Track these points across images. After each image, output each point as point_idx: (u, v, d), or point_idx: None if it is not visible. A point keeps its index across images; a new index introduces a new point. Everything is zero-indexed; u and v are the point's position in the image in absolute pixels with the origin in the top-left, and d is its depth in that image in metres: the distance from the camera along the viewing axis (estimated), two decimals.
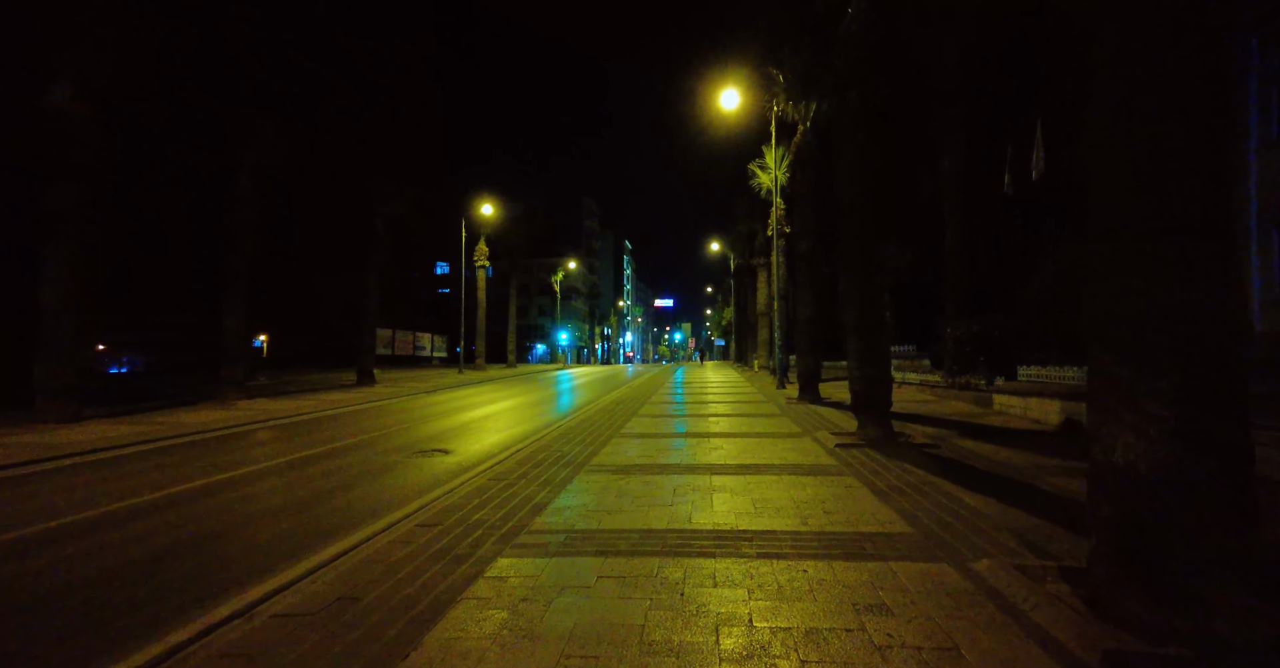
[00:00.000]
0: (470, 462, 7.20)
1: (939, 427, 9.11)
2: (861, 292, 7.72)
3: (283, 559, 3.90)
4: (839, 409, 11.65)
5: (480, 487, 5.58)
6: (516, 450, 7.70)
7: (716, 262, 55.59)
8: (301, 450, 8.14)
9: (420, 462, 7.25)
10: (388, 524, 4.50)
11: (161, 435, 9.24)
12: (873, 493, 5.15)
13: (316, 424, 11.05)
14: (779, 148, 17.27)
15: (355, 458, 7.57)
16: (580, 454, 7.18)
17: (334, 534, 4.37)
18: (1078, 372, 8.36)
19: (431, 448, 8.24)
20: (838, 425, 9.34)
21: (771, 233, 17.83)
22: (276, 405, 14.04)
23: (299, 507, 5.23)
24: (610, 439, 8.39)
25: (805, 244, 12.85)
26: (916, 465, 6.22)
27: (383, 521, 4.67)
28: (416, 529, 4.30)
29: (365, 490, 5.82)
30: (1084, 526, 4.21)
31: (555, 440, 8.29)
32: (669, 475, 5.96)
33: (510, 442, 8.70)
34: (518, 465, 6.56)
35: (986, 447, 7.28)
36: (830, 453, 7.05)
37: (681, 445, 7.80)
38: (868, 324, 7.71)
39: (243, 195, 14.65)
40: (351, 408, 13.94)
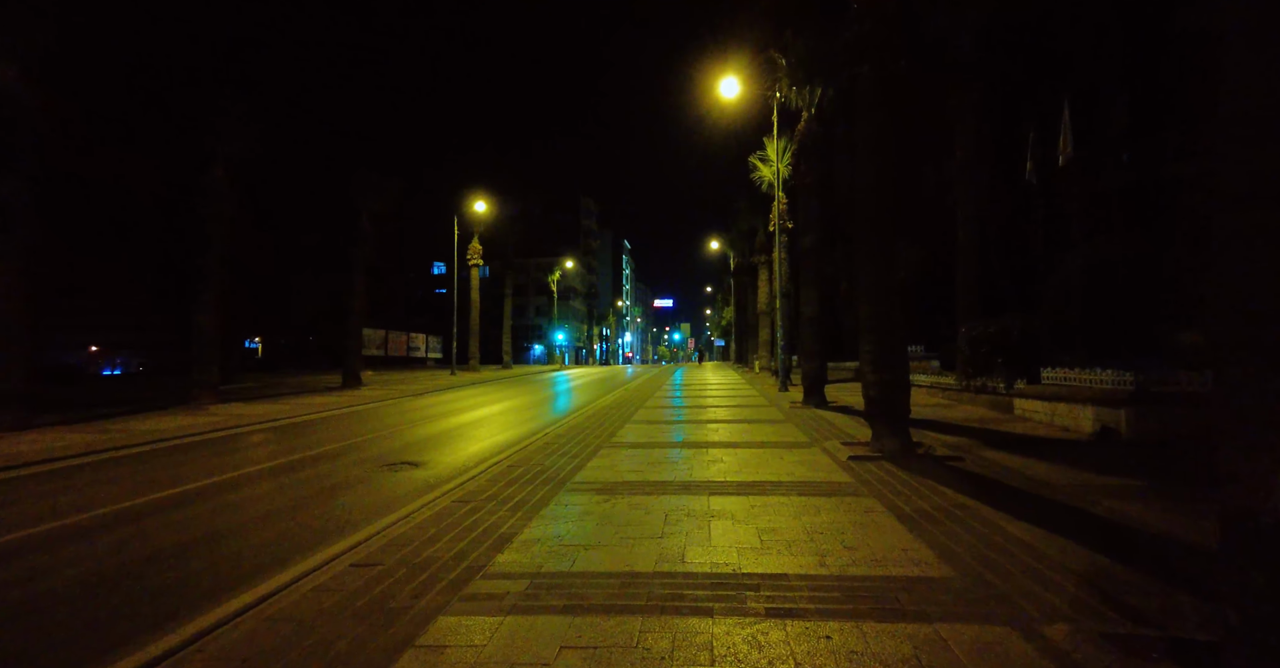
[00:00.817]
0: (441, 477, 6.44)
1: (958, 435, 8.35)
2: (877, 287, 6.97)
3: (162, 622, 3.12)
4: (847, 415, 10.89)
5: (442, 511, 4.81)
6: (494, 463, 6.95)
7: (716, 261, 54.83)
8: (257, 463, 7.38)
9: (385, 478, 6.48)
10: (318, 564, 3.74)
11: (109, 446, 8.46)
12: (899, 520, 4.39)
13: (286, 431, 10.28)
14: (781, 139, 16.52)
15: (314, 472, 6.81)
16: (564, 469, 6.42)
17: (247, 580, 3.60)
18: (1113, 375, 7.61)
19: (403, 460, 7.47)
20: (848, 434, 8.58)
21: (773, 228, 17.08)
22: (251, 410, 13.26)
23: (221, 538, 4.47)
24: (599, 449, 7.63)
25: (809, 239, 12.10)
26: (943, 483, 5.46)
27: (314, 558, 3.90)
28: (349, 571, 3.53)
29: (310, 515, 5.05)
30: (1167, 568, 3.49)
31: (539, 451, 7.53)
32: (661, 496, 5.19)
33: (490, 452, 7.94)
34: (491, 483, 5.79)
35: (1017, 459, 6.51)
36: (843, 467, 6.29)
37: (677, 458, 7.03)
38: (883, 323, 6.96)
39: (215, 188, 13.88)
40: (330, 413, 13.17)
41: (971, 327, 11.71)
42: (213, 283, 13.90)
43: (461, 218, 29.91)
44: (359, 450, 8.29)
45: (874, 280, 7.04)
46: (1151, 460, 6.45)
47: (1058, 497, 5.03)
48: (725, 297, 55.65)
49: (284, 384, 21.38)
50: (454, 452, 8.13)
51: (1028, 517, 4.40)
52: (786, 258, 16.91)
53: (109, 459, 7.67)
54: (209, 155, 13.63)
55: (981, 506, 4.72)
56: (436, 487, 5.93)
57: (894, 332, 6.99)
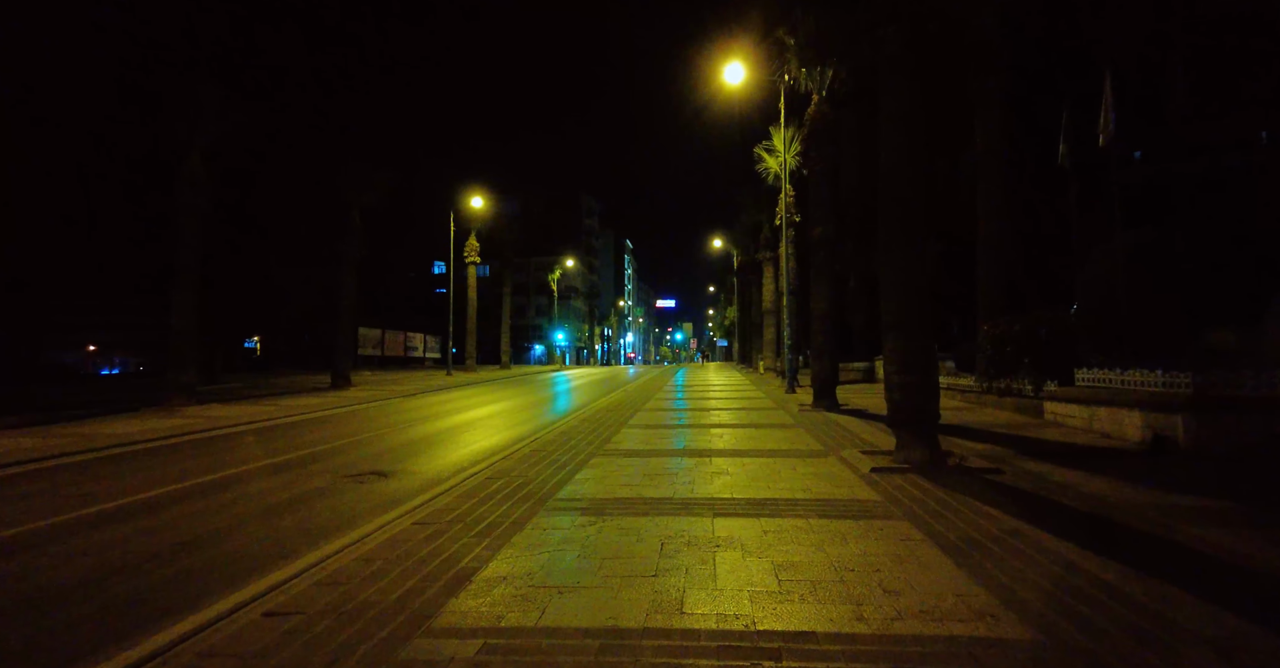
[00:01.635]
0: (409, 491, 5.69)
1: (988, 442, 7.57)
2: (903, 279, 6.21)
3: None
4: (862, 419, 10.11)
5: (398, 536, 4.06)
6: (473, 474, 6.20)
7: (719, 260, 54.06)
8: (208, 473, 6.63)
9: (346, 492, 5.73)
10: (221, 613, 2.97)
11: (54, 453, 7.73)
12: (943, 551, 3.62)
13: (258, 436, 9.55)
14: (788, 128, 15.75)
15: (268, 485, 6.06)
16: (549, 482, 5.66)
17: (118, 639, 2.84)
18: (1163, 376, 6.81)
19: (373, 470, 6.73)
20: (866, 441, 7.80)
21: (779, 222, 16.32)
22: (227, 412, 12.55)
23: (114, 577, 3.72)
24: (591, 458, 6.88)
25: (820, 230, 11.33)
26: (985, 501, 4.69)
27: (220, 604, 3.13)
28: (256, 624, 2.77)
29: (240, 542, 4.30)
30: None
31: (524, 460, 6.78)
32: (657, 518, 4.43)
33: (470, 460, 7.20)
34: (464, 499, 5.04)
35: (1066, 473, 5.72)
36: (867, 481, 5.51)
37: (677, 468, 6.27)
38: (910, 320, 6.19)
39: (192, 180, 13.15)
40: (312, 415, 12.45)
41: (995, 324, 10.92)
42: (189, 279, 13.18)
43: (458, 214, 29.20)
44: (328, 458, 7.55)
45: (899, 272, 6.28)
46: (1220, 476, 5.66)
47: (1127, 521, 4.25)
48: (728, 296, 54.87)
49: (272, 385, 20.67)
50: (431, 460, 7.37)
51: (1099, 548, 3.62)
52: (793, 253, 16.14)
53: (44, 468, 6.94)
54: (184, 144, 12.91)
55: (1039, 532, 3.94)
56: (400, 503, 5.18)
57: (922, 329, 6.22)
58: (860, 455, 6.57)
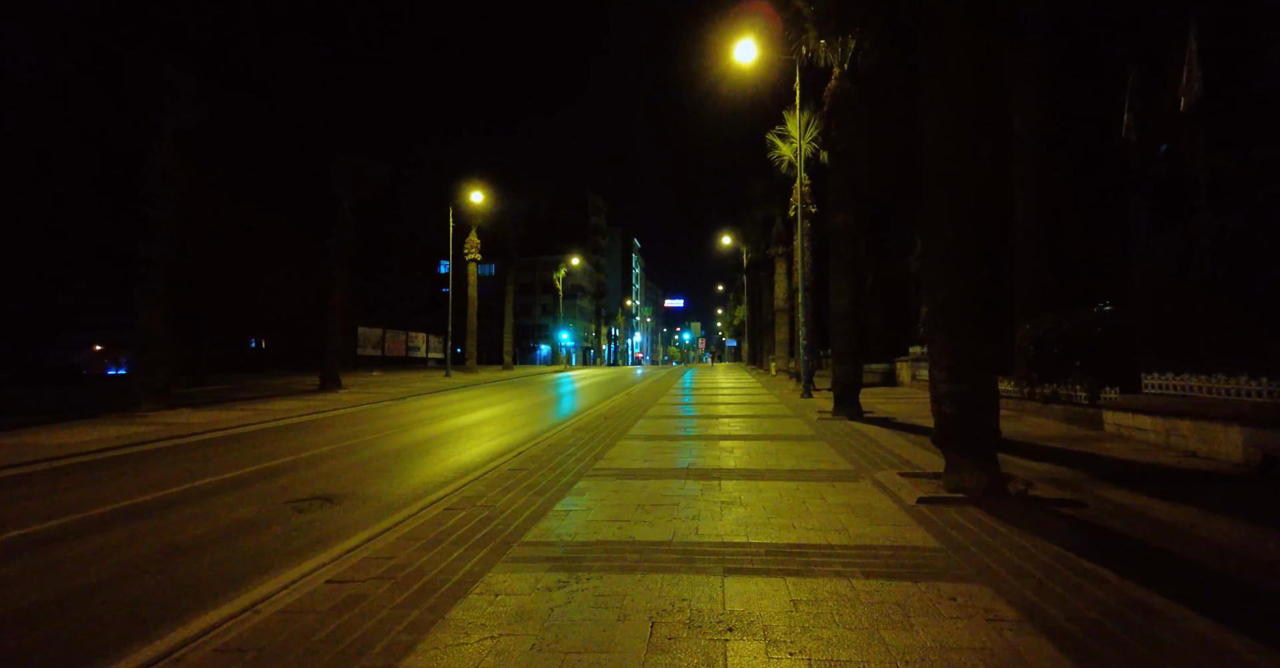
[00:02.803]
0: (346, 527, 4.65)
1: (1048, 460, 6.42)
2: (954, 271, 5.10)
3: None
4: (891, 430, 8.97)
5: (290, 609, 3.02)
6: (434, 501, 5.17)
7: (728, 258, 52.80)
8: (130, 496, 5.64)
9: (270, 527, 4.70)
10: None
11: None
12: (1056, 647, 2.51)
13: (214, 447, 8.58)
14: (803, 111, 14.61)
15: (188, 514, 5.05)
16: (520, 514, 4.60)
17: None
18: (1269, 384, 5.64)
19: (321, 494, 5.70)
20: (902, 458, 6.68)
21: (794, 213, 15.18)
22: (196, 419, 11.62)
23: None
24: (579, 479, 5.82)
25: (842, 217, 10.19)
26: (1081, 552, 3.57)
27: None
28: None
29: (77, 617, 3.27)
30: None
31: (499, 482, 5.73)
32: (649, 575, 3.35)
33: (440, 480, 6.16)
34: (405, 543, 4.00)
35: (1168, 508, 4.58)
36: (915, 516, 4.40)
37: (680, 495, 5.18)
38: (962, 317, 5.08)
39: (162, 168, 12.23)
40: (287, 421, 11.49)
41: (1038, 323, 9.75)
42: (159, 274, 12.25)
43: (458, 210, 28.24)
44: (278, 476, 6.54)
45: (947, 262, 5.16)
46: None
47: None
48: (737, 295, 53.66)
49: (261, 386, 19.79)
50: (395, 480, 6.33)
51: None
52: (809, 246, 14.99)
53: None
54: (154, 130, 11.99)
55: (1185, 611, 2.82)
56: (329, 544, 4.15)
57: (976, 329, 5.10)
58: (900, 479, 5.45)
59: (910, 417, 10.42)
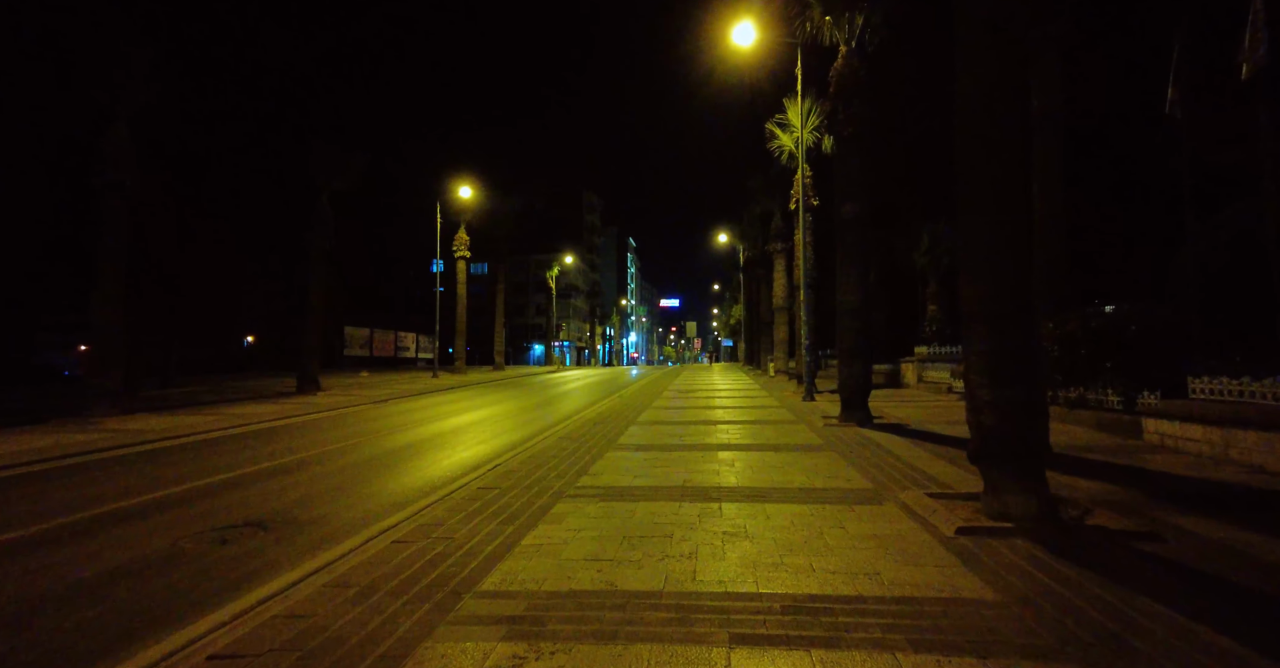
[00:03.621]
0: (273, 565, 3.84)
1: (1093, 477, 5.65)
2: (998, 254, 4.33)
3: None
4: (906, 438, 8.19)
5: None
6: (383, 531, 4.38)
7: (724, 257, 52.11)
8: (50, 519, 4.84)
9: (180, 567, 3.88)
10: None
11: None
12: None
13: (167, 457, 7.76)
14: (805, 98, 13.85)
15: (93, 547, 4.23)
16: (479, 551, 3.81)
17: None
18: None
19: (256, 520, 4.89)
20: (926, 473, 5.90)
21: (795, 205, 14.41)
22: (155, 425, 10.76)
23: None
24: (557, 500, 5.03)
25: (850, 206, 9.42)
26: (1197, 617, 2.79)
27: None
28: None
29: None
30: None
31: (465, 504, 4.94)
32: (634, 645, 2.56)
33: (394, 503, 5.36)
34: (335, 588, 3.19)
35: (1262, 539, 3.81)
36: (957, 552, 3.62)
37: (673, 523, 4.39)
38: (1009, 309, 4.30)
39: (115, 154, 11.34)
40: (254, 427, 10.65)
41: (1061, 321, 9.00)
42: (112, 269, 11.37)
43: (447, 205, 27.36)
44: (216, 496, 5.72)
45: (990, 243, 4.39)
46: None
47: None
48: (734, 294, 52.95)
49: (235, 389, 18.88)
50: (346, 501, 5.52)
51: None
52: (811, 240, 14.23)
53: None
54: (105, 112, 11.10)
55: None
56: (237, 594, 3.33)
57: (1027, 322, 4.33)
58: (930, 502, 4.68)
59: (923, 423, 9.66)
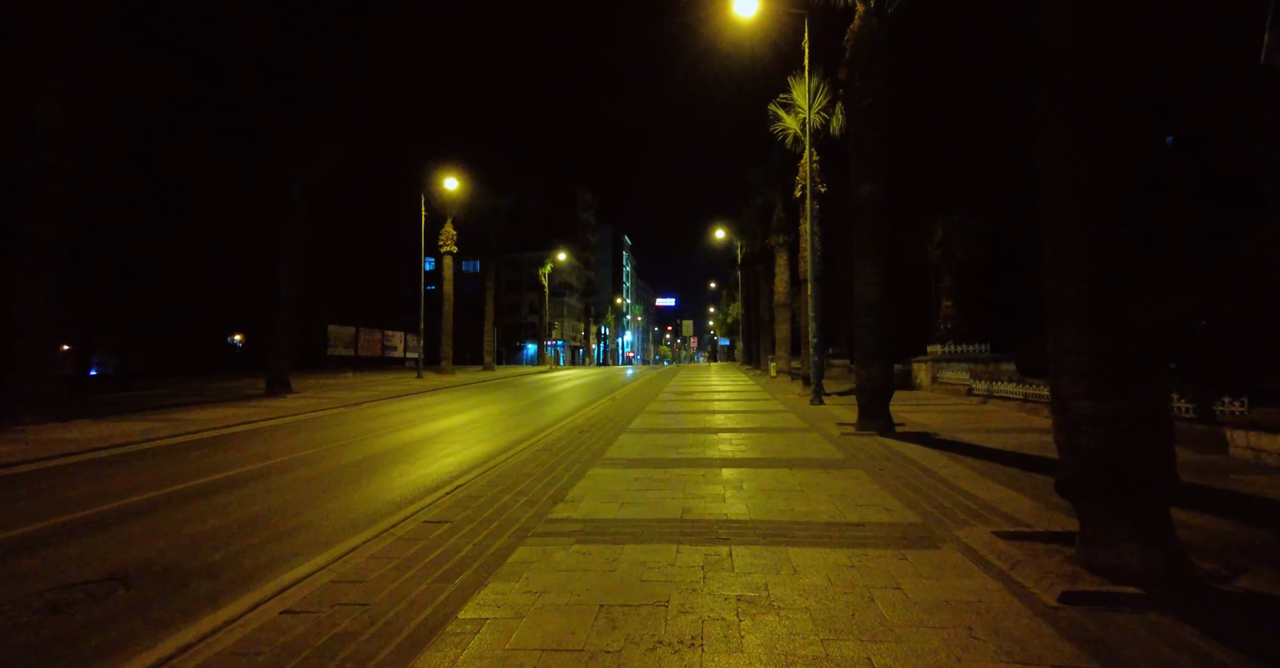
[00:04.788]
0: (97, 654, 2.70)
1: (1195, 507, 4.55)
2: (1096, 222, 3.26)
3: None
4: (937, 450, 7.09)
5: None
6: (277, 593, 3.24)
7: (721, 255, 51.09)
8: None
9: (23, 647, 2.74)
10: None
11: None
12: None
13: (76, 475, 6.61)
14: (813, 77, 12.74)
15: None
16: (397, 633, 2.68)
17: None
18: None
19: (132, 569, 3.77)
20: (976, 496, 4.80)
21: (800, 193, 13.32)
22: (89, 433, 9.59)
23: None
24: (522, 541, 3.92)
25: (869, 188, 8.32)
26: None
27: None
28: None
29: None
30: None
31: (398, 550, 3.83)
32: None
33: (312, 545, 4.23)
34: None
35: None
36: (1074, 636, 2.52)
37: (668, 580, 3.28)
38: (1116, 291, 3.22)
39: (50, 133, 10.16)
40: (202, 435, 9.51)
41: None
42: (41, 259, 10.17)
43: (432, 198, 26.16)
44: (102, 530, 4.58)
45: (1085, 211, 3.32)
46: None
47: None
48: (731, 292, 51.91)
49: (201, 391, 17.65)
50: (255, 541, 4.38)
51: None
52: (819, 231, 13.14)
53: None
54: (36, 84, 9.91)
55: None
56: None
57: (1138, 315, 3.25)
58: (1003, 546, 3.59)
59: (952, 431, 8.58)
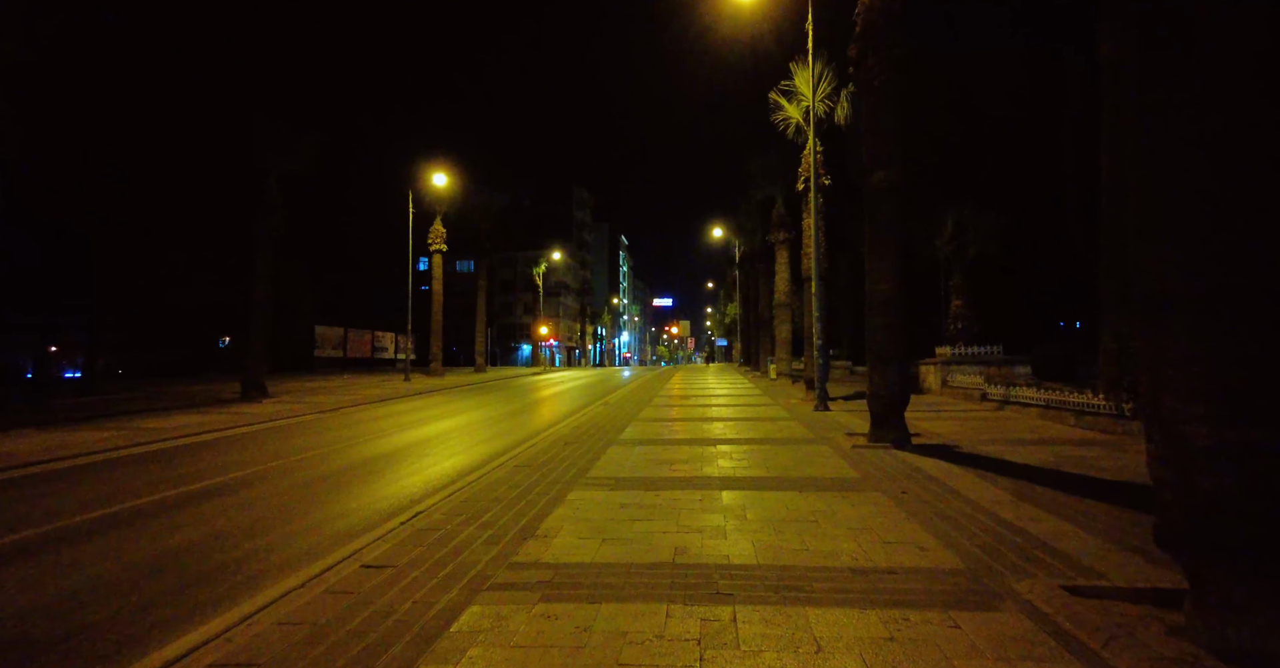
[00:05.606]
0: None
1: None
2: (1241, 183, 2.45)
3: None
4: (963, 467, 6.31)
5: None
6: (192, 649, 2.42)
7: (718, 254, 50.32)
8: None
9: None
10: None
11: None
12: None
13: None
14: (817, 62, 11.98)
15: None
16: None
17: None
18: None
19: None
20: (1028, 532, 4.02)
21: (803, 185, 12.55)
22: (32, 445, 8.80)
23: None
24: (474, 598, 3.13)
25: (883, 175, 7.55)
26: None
27: None
28: None
29: None
30: None
31: (318, 610, 3.04)
32: None
33: (215, 603, 3.43)
34: None
35: None
36: None
37: (648, 663, 2.48)
38: (1251, 279, 2.43)
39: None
40: (155, 447, 8.71)
41: None
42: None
43: (421, 195, 25.32)
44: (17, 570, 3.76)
45: (1216, 167, 2.52)
46: None
47: None
48: (729, 291, 51.15)
49: (173, 395, 16.79)
50: (141, 598, 3.57)
51: None
52: (822, 225, 12.37)
53: None
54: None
55: None
56: None
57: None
58: (1078, 606, 2.82)
59: (974, 443, 7.81)
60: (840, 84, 12.61)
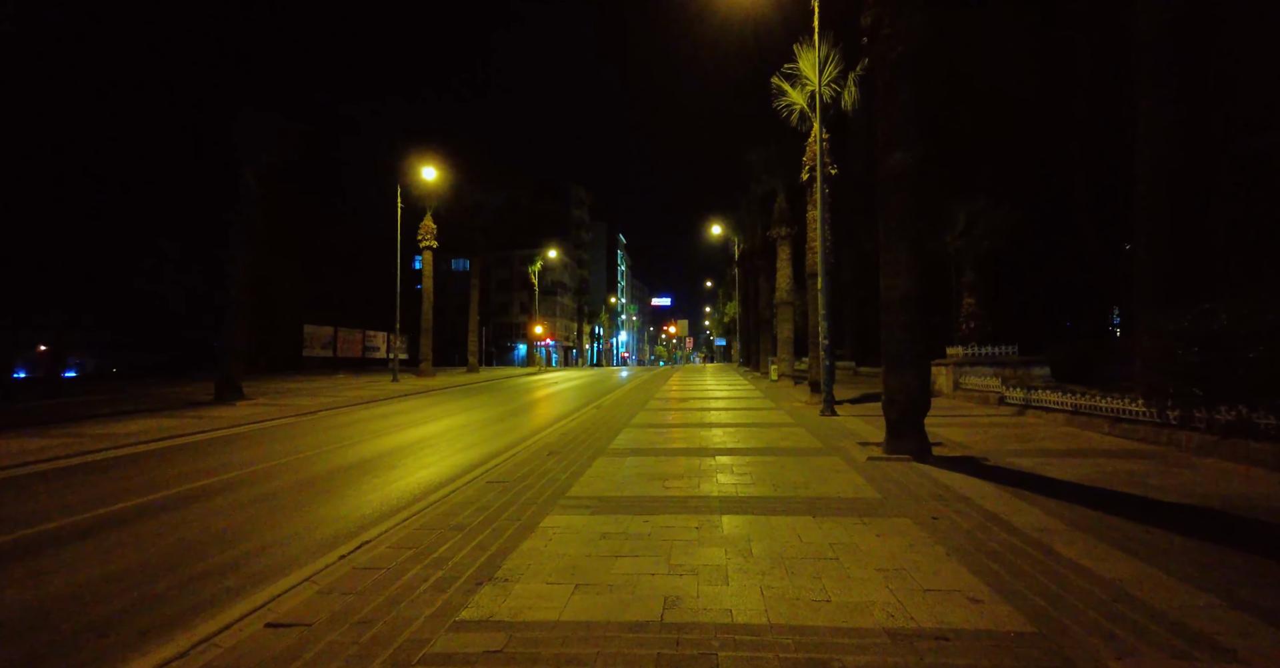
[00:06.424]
0: None
1: None
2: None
3: None
4: (996, 484, 5.54)
5: None
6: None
7: (716, 252, 49.55)
8: None
9: None
10: None
11: None
12: None
13: None
14: (822, 43, 11.21)
15: None
16: None
17: None
18: None
19: None
20: (1091, 572, 3.26)
21: (808, 175, 11.78)
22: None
23: None
24: (411, 665, 2.35)
25: (899, 158, 6.78)
26: None
27: None
28: None
29: None
30: None
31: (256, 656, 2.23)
32: None
33: (105, 658, 2.63)
34: None
35: None
36: None
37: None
38: None
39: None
40: (100, 456, 7.94)
41: (1202, 314, 6.42)
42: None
43: (410, 190, 24.51)
44: None
45: None
46: None
47: None
48: (728, 290, 50.38)
49: (141, 397, 15.95)
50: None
51: None
52: (828, 217, 11.60)
53: None
54: None
55: None
56: None
57: None
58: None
59: (999, 453, 7.05)
60: (848, 67, 11.84)
